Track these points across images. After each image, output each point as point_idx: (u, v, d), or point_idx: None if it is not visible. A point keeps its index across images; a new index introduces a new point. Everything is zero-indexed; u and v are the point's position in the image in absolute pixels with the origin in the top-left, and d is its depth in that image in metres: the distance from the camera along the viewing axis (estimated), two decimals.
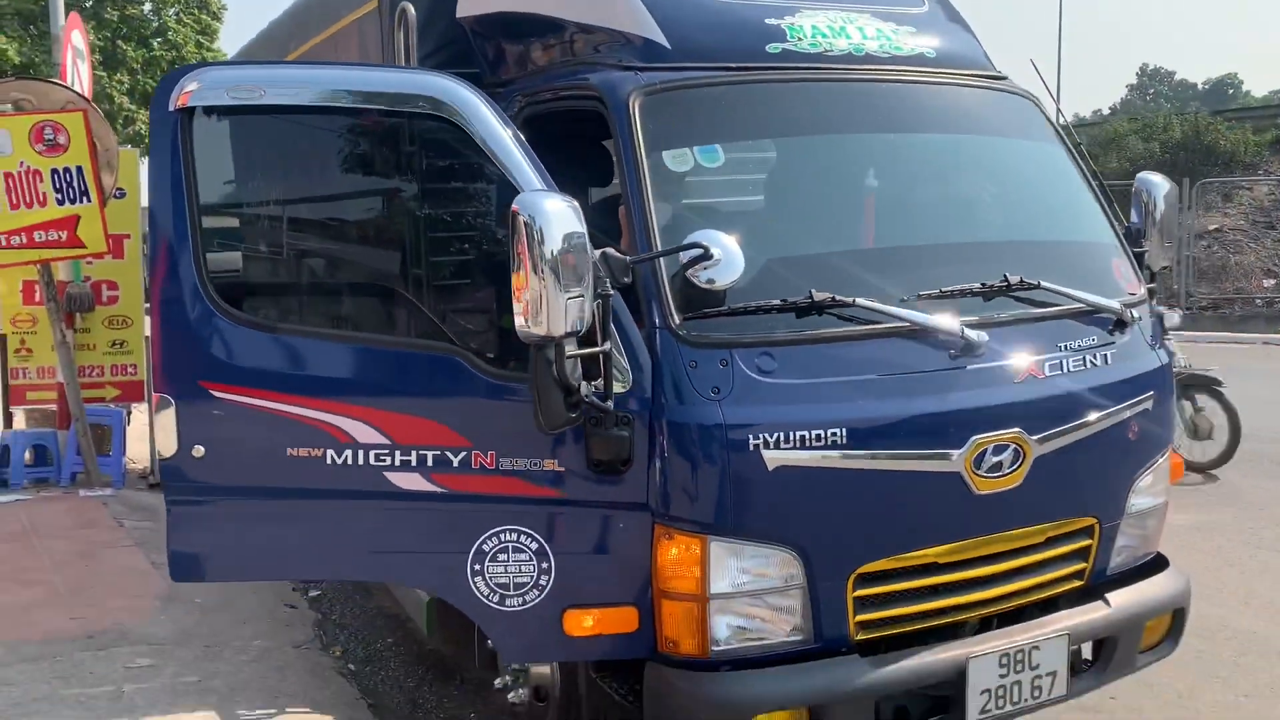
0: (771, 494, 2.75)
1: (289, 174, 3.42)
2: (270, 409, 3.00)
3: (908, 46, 3.38)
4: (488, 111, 2.91)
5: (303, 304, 3.43)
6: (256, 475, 3.10)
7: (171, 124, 2.99)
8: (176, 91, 2.99)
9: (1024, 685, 2.95)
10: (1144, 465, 3.29)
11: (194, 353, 3.05)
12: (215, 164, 3.20)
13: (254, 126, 3.23)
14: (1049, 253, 3.43)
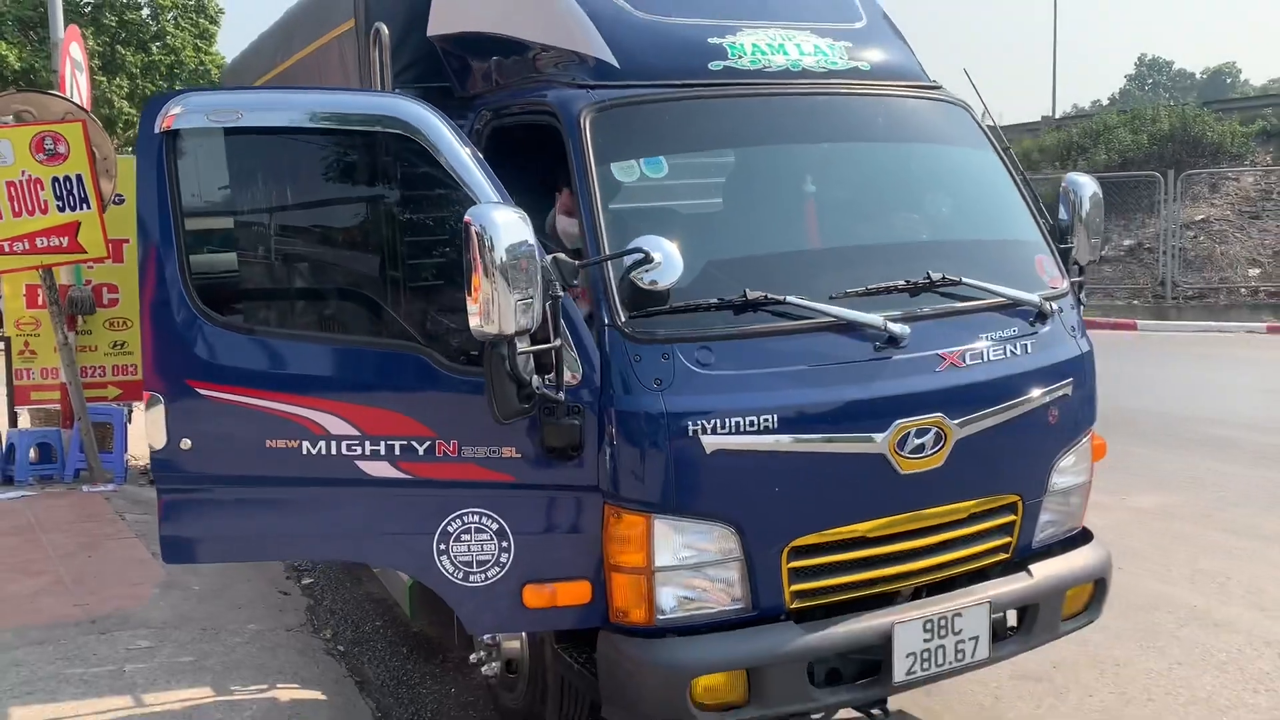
0: (710, 475, 3.01)
1: (267, 190, 3.70)
2: (250, 404, 3.25)
3: (843, 61, 3.63)
4: (447, 131, 3.16)
5: (279, 308, 3.69)
6: (239, 465, 3.35)
7: (157, 145, 3.24)
8: (161, 115, 3.24)
9: (947, 649, 3.22)
10: (1065, 446, 3.55)
11: (180, 354, 3.29)
12: (198, 181, 3.45)
13: (234, 146, 3.48)
14: (976, 251, 3.69)
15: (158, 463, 3.38)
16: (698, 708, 3.00)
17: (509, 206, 2.85)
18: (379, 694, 4.45)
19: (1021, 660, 4.31)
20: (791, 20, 3.67)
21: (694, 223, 3.59)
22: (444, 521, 3.19)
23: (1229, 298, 18.16)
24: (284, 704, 4.08)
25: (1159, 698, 4.15)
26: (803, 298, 3.13)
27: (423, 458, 3.18)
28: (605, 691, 3.14)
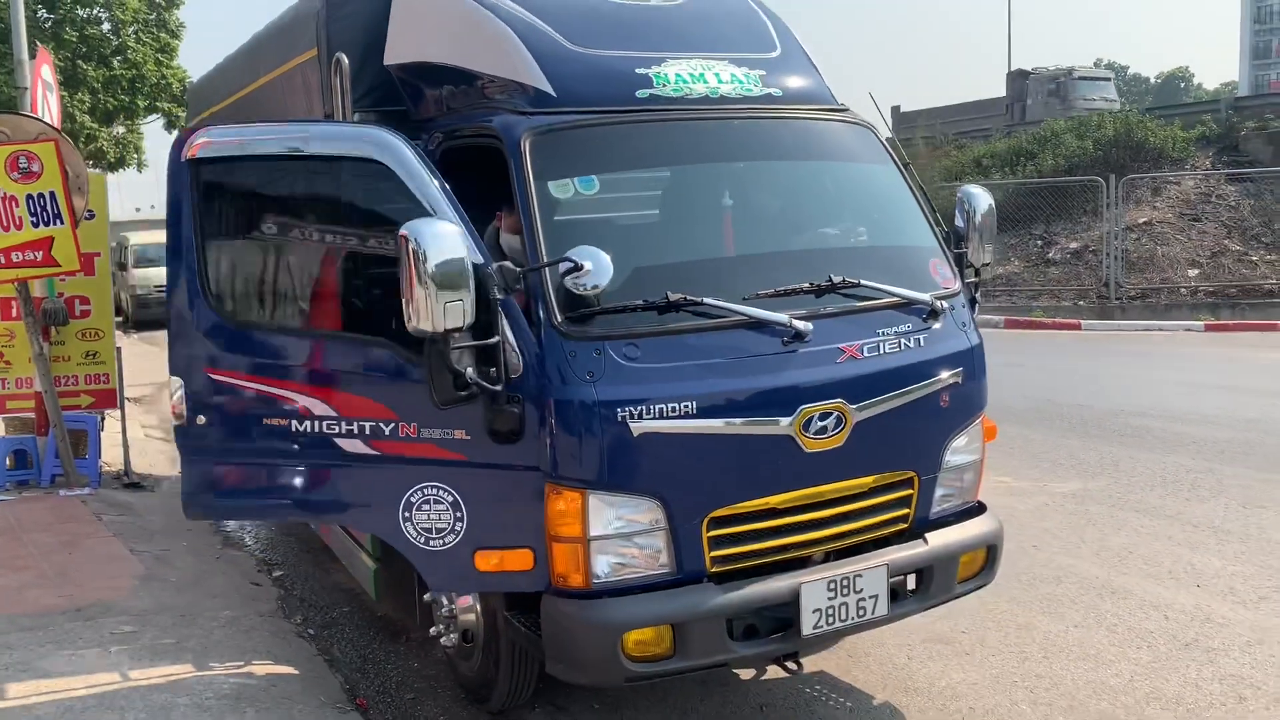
0: (637, 455, 3.42)
1: (267, 205, 4.19)
2: (251, 388, 3.94)
3: (758, 88, 4.07)
4: (410, 155, 3.60)
5: (275, 307, 4.21)
6: (244, 439, 3.99)
7: (184, 171, 3.92)
8: (188, 145, 3.92)
9: (850, 606, 3.65)
10: (957, 428, 4.00)
11: (197, 345, 3.97)
12: (215, 200, 4.07)
13: (240, 171, 4.07)
14: (876, 256, 4.14)
15: (180, 433, 4.07)
16: (629, 660, 3.41)
17: (442, 220, 3.29)
18: (347, 670, 4.82)
19: (933, 625, 4.81)
20: (712, 51, 4.10)
21: (623, 233, 4.02)
22: (408, 493, 3.67)
23: (1170, 297, 18.80)
24: (259, 678, 4.45)
25: (1053, 655, 4.60)
26: (719, 299, 3.56)
27: (389, 437, 3.68)
28: (549, 649, 3.55)
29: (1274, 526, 6.13)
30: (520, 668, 4.02)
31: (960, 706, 4.18)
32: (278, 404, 3.88)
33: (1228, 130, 22.70)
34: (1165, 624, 4.86)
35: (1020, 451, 8.19)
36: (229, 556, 6.49)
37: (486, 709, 4.25)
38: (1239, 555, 5.69)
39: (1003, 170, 23.26)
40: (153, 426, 11.26)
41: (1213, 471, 7.35)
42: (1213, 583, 5.33)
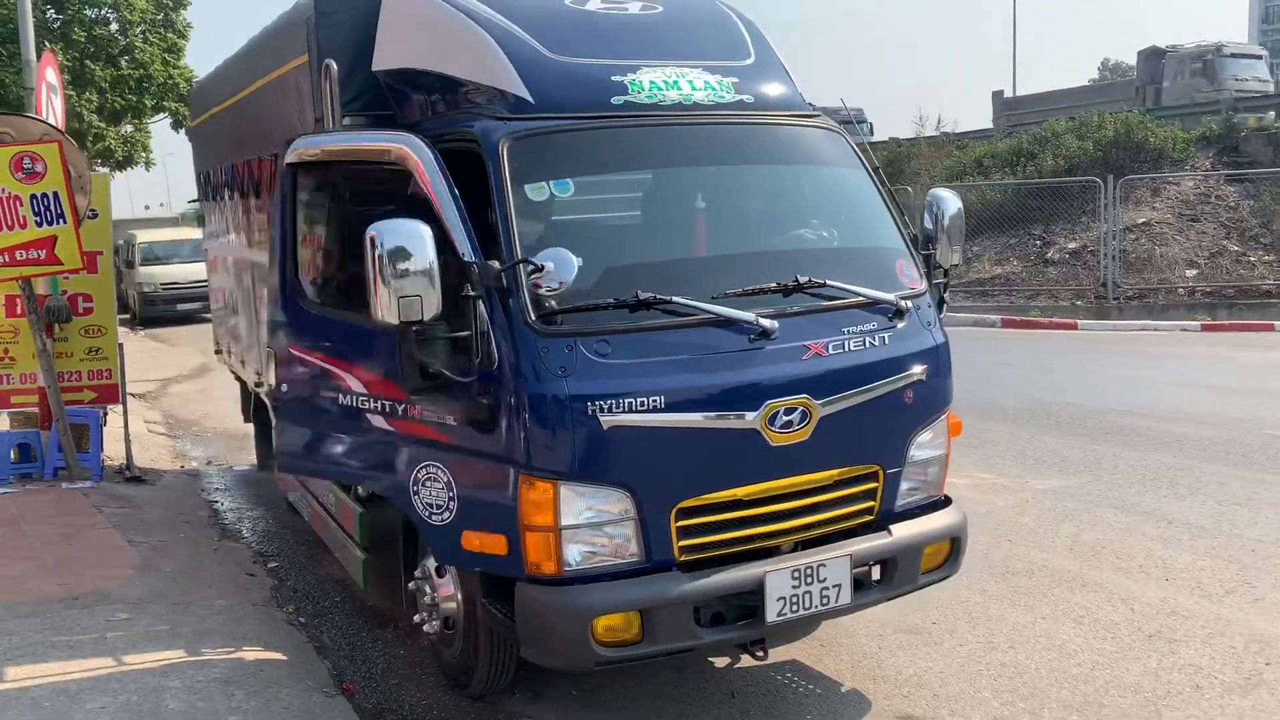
0: (607, 448, 3.57)
1: (330, 203, 4.70)
2: (317, 364, 4.48)
3: (730, 95, 4.21)
4: (426, 158, 3.81)
5: (332, 295, 4.69)
6: (313, 406, 4.54)
7: (286, 175, 4.58)
8: (291, 152, 4.51)
9: (813, 594, 3.78)
10: (922, 424, 4.13)
11: (283, 323, 4.68)
12: (299, 199, 4.67)
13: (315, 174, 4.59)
14: (844, 257, 4.28)
15: (270, 398, 4.84)
16: (599, 644, 3.56)
17: (409, 221, 3.49)
18: (335, 656, 4.97)
19: (904, 616, 4.95)
20: (686, 59, 4.24)
21: (596, 235, 4.17)
22: (416, 469, 3.95)
23: (1167, 297, 18.87)
24: (249, 663, 4.60)
25: (1020, 645, 4.74)
26: (688, 298, 3.70)
27: (400, 416, 3.99)
28: (523, 634, 3.70)
29: (1247, 523, 6.25)
30: (499, 653, 4.17)
31: (925, 694, 4.31)
32: (330, 379, 4.37)
33: (1228, 131, 22.72)
34: (1131, 616, 4.99)
35: (1006, 449, 8.32)
36: (226, 548, 6.65)
37: (467, 693, 4.40)
38: (1209, 550, 5.81)
39: (1003, 170, 23.34)
40: (155, 422, 11.45)
41: (1192, 469, 7.47)
42: (1181, 577, 5.45)
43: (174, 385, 14.27)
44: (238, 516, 7.60)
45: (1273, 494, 6.78)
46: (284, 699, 4.26)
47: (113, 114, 22.71)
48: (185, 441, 10.56)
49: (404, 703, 4.49)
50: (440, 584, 4.32)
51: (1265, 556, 5.68)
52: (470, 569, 3.97)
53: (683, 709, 4.27)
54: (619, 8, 4.45)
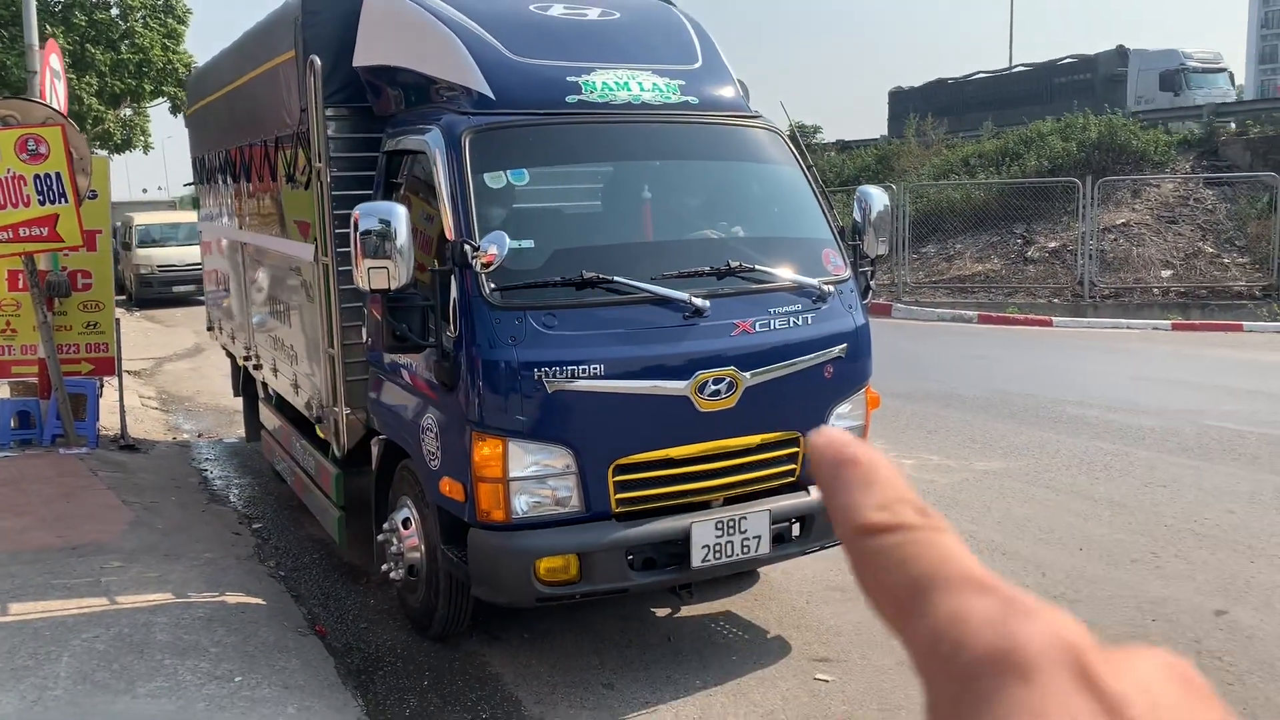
0: (551, 409, 4.01)
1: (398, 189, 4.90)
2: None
3: (676, 96, 4.64)
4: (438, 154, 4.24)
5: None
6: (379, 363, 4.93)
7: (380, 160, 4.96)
8: (386, 139, 4.91)
9: (735, 544, 4.23)
10: (842, 397, 4.58)
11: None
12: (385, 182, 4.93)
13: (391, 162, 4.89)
14: (776, 245, 4.71)
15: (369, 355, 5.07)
16: (541, 583, 4.01)
17: (387, 203, 3.95)
18: (310, 604, 5.42)
19: (833, 576, 5.40)
20: (637, 63, 4.67)
21: (549, 219, 4.61)
22: (422, 418, 4.40)
23: (1142, 297, 19.32)
24: (231, 605, 5.04)
25: None
26: (630, 279, 4.14)
27: (415, 373, 4.48)
28: (474, 574, 4.14)
29: (1166, 502, 6.70)
30: (456, 597, 4.61)
31: (841, 641, 4.76)
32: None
33: (1209, 135, 23.16)
34: (1041, 580, 5.44)
35: (956, 435, 8.76)
36: (214, 510, 7.09)
37: (429, 635, 4.84)
38: (1126, 525, 6.27)
39: (988, 170, 23.78)
40: (150, 397, 11.87)
41: (1127, 455, 7.92)
42: (1095, 548, 5.90)
43: (168, 364, 14.68)
44: (226, 483, 8.04)
45: (1195, 477, 7.24)
46: (261, 636, 4.70)
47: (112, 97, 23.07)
48: (178, 415, 10.98)
49: (371, 643, 4.94)
50: (406, 535, 4.76)
51: (1175, 531, 6.13)
52: (446, 509, 4.39)
53: (623, 651, 4.71)
54: (579, 14, 4.88)
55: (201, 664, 4.28)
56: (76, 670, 4.13)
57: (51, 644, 4.37)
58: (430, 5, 4.72)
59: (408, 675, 4.57)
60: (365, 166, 5.03)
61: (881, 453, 0.53)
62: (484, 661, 4.65)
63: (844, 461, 0.49)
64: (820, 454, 0.50)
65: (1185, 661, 0.43)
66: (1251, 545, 5.86)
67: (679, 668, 4.52)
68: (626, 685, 4.37)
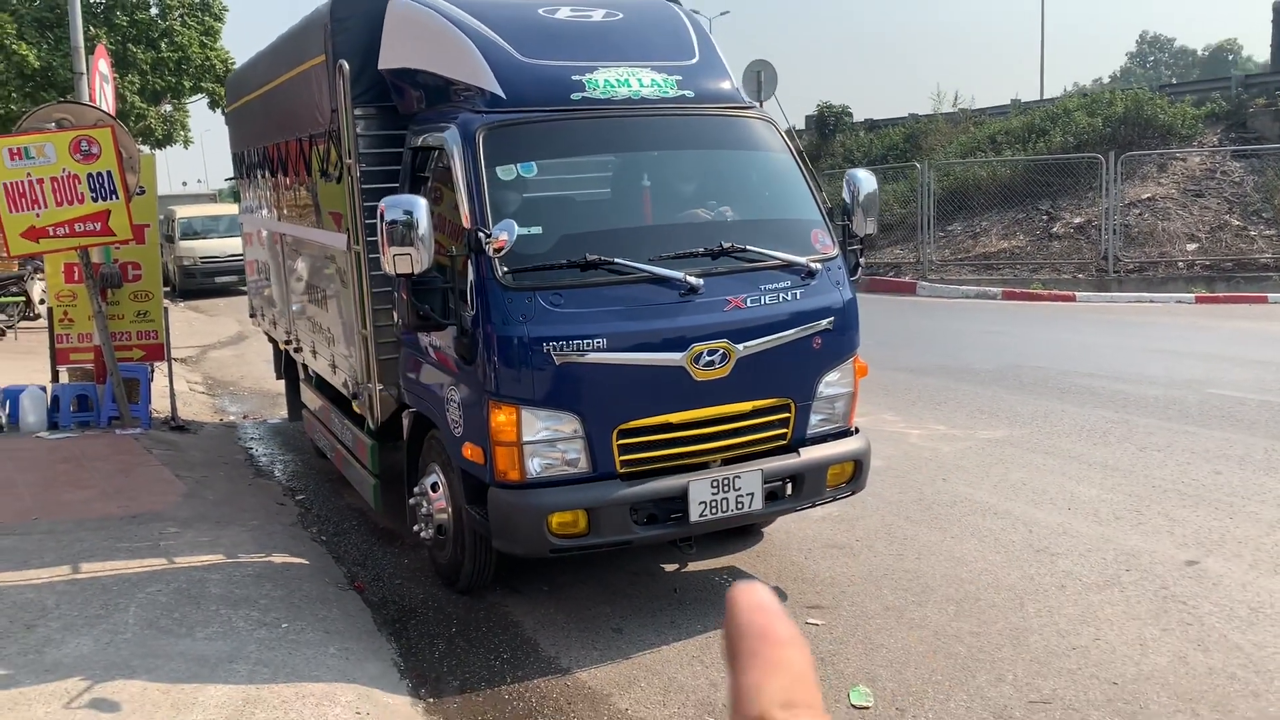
0: (560, 379, 4.44)
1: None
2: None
3: (674, 91, 5.03)
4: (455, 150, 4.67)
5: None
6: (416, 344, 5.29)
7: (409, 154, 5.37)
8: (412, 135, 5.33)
9: (730, 500, 4.64)
10: (830, 366, 4.96)
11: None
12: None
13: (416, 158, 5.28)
14: (768, 227, 5.10)
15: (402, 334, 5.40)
16: (553, 536, 4.45)
17: (409, 196, 4.40)
18: (349, 563, 5.91)
19: (833, 534, 5.82)
20: (637, 60, 5.07)
21: (556, 207, 5.03)
22: (445, 389, 4.86)
23: (1166, 271, 19.40)
24: (277, 565, 5.54)
25: (925, 557, 5.57)
26: (629, 260, 4.55)
27: (439, 350, 4.92)
28: (493, 529, 4.59)
29: (1158, 465, 7.02)
30: (480, 552, 5.07)
31: (834, 591, 5.16)
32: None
33: (1237, 107, 23.07)
34: (1028, 536, 5.80)
35: (965, 406, 9.10)
36: (259, 484, 7.62)
37: (456, 589, 5.31)
38: (1115, 486, 6.60)
39: (1014, 147, 23.87)
40: (196, 382, 12.47)
41: (1128, 423, 8.22)
42: (1083, 507, 6.25)
43: (213, 351, 15.31)
44: (270, 460, 8.58)
45: (1190, 442, 7.55)
46: (305, 590, 5.19)
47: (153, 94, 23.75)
48: (224, 399, 11.56)
49: (405, 596, 5.41)
50: (435, 498, 5.22)
51: (1161, 491, 6.46)
52: (469, 472, 4.82)
53: (632, 600, 5.15)
54: (584, 16, 5.28)
55: (252, 613, 4.77)
56: (142, 618, 4.63)
57: (119, 596, 4.88)
58: (447, 12, 5.14)
59: (437, 624, 5.04)
60: (391, 161, 5.48)
61: (799, 632, 0.52)
62: (506, 611, 5.11)
63: (765, 636, 0.45)
64: (741, 618, 0.45)
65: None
66: (1232, 503, 6.18)
67: (683, 614, 4.95)
68: (634, 630, 4.81)
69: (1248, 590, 4.95)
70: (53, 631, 4.46)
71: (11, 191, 7.98)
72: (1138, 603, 4.86)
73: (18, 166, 7.99)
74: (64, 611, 4.68)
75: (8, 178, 7.96)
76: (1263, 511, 6.02)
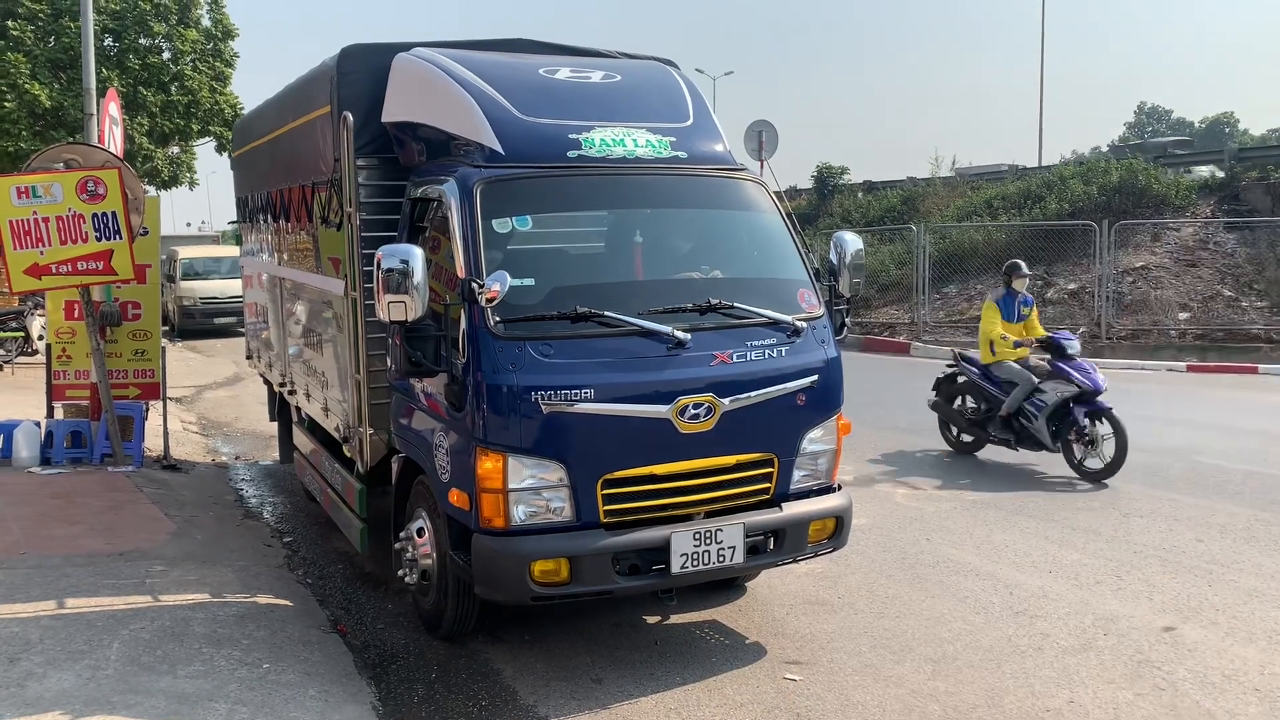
0: (546, 428, 4.51)
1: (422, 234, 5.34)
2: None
3: (667, 151, 5.17)
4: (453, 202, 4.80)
5: None
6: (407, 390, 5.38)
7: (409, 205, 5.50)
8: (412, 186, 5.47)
9: (711, 553, 4.69)
10: (813, 423, 5.03)
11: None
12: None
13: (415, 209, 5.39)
14: (756, 285, 5.20)
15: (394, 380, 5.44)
16: (535, 583, 4.49)
17: (406, 245, 4.54)
18: (333, 607, 5.94)
19: (815, 591, 5.85)
20: (633, 121, 5.22)
21: (548, 260, 5.14)
22: (434, 435, 4.93)
23: (1159, 338, 19.57)
24: (262, 606, 5.57)
25: (904, 616, 5.60)
26: (619, 314, 4.65)
27: (429, 396, 5.00)
28: (477, 575, 4.64)
29: (1140, 531, 7.08)
30: (463, 599, 5.10)
31: (813, 647, 5.19)
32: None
33: (1230, 179, 23.41)
34: (1008, 598, 5.84)
35: (954, 467, 9.18)
36: (248, 525, 7.65)
37: (439, 635, 5.34)
38: (1097, 551, 6.65)
39: (1009, 212, 24.17)
40: (191, 422, 12.51)
41: (1113, 488, 8.30)
42: (1064, 571, 6.30)
43: (208, 392, 15.37)
44: (260, 501, 8.61)
45: (1173, 509, 7.61)
46: (288, 632, 5.22)
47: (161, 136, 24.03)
48: (216, 439, 11.60)
49: (387, 641, 5.44)
50: (420, 543, 5.27)
51: (1143, 557, 6.51)
52: (455, 518, 4.87)
53: (613, 651, 5.17)
54: (583, 77, 5.45)
55: (234, 653, 4.79)
56: (125, 654, 4.65)
57: (103, 633, 4.90)
58: (450, 69, 5.30)
59: (418, 668, 5.06)
60: (391, 211, 5.61)
61: None
62: (487, 658, 5.13)
63: None
64: None
65: None
66: (1212, 571, 6.24)
67: (662, 666, 4.97)
68: (613, 680, 4.83)
69: (1223, 657, 4.98)
70: (35, 666, 4.49)
71: (17, 229, 8.10)
72: (1113, 667, 4.89)
73: (24, 205, 8.12)
74: (47, 646, 4.71)
75: (14, 215, 8.09)
76: (1241, 580, 6.07)
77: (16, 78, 20.79)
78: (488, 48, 5.89)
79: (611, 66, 5.67)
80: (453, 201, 4.83)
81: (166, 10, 23.54)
